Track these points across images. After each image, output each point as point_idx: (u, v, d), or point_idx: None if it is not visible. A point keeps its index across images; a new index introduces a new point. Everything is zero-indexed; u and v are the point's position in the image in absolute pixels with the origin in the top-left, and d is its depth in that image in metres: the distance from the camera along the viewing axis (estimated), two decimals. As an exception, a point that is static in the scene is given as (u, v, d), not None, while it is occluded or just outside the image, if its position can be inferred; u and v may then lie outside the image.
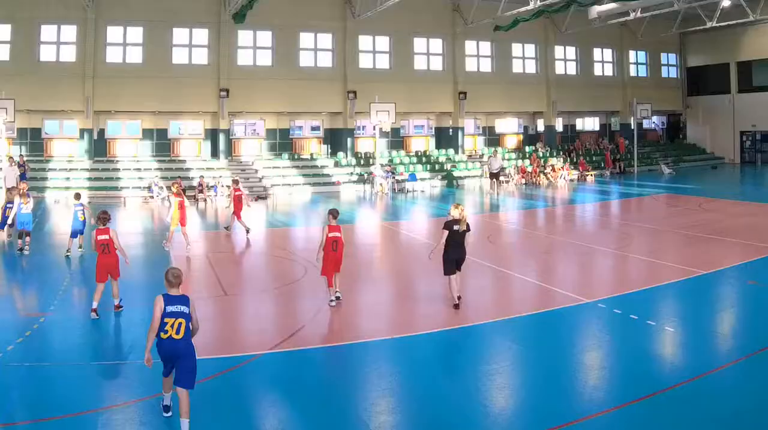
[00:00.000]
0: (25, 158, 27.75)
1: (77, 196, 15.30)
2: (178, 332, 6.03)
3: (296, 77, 31.28)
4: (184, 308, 6.11)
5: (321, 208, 19.94)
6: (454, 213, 9.90)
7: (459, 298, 10.02)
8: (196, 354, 6.24)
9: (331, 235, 10.23)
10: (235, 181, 18.73)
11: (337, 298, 10.43)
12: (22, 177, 26.64)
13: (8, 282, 12.70)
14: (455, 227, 9.87)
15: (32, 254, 14.37)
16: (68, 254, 14.36)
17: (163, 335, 6.03)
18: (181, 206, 15.24)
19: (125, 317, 9.89)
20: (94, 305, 9.69)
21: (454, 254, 9.94)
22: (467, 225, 10.03)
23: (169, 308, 6.03)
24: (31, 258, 14.15)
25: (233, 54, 30.93)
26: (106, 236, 9.89)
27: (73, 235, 14.75)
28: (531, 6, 26.52)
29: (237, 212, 17.45)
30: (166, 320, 6.00)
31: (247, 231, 17.22)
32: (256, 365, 7.82)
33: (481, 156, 34.89)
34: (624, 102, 38.53)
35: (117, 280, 10.05)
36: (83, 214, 14.70)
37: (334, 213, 10.53)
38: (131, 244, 14.93)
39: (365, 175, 30.62)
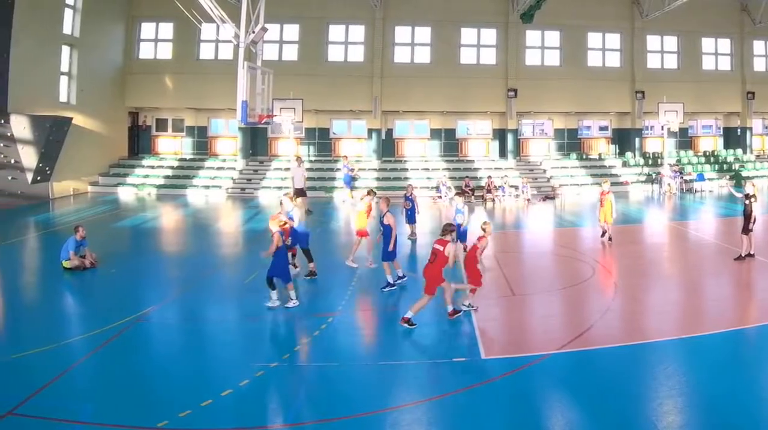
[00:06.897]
0: (351, 161, 26.83)
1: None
2: None
3: (584, 77, 30.97)
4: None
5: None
6: (750, 189, 13.26)
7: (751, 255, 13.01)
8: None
9: None
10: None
11: None
12: (348, 179, 25.74)
13: (298, 283, 12.25)
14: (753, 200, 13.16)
15: (321, 254, 13.30)
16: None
17: None
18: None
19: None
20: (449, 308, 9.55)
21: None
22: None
23: None
24: (320, 259, 12.90)
25: (521, 54, 30.97)
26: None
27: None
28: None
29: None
30: None
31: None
32: (544, 364, 7.81)
33: (769, 157, 33.57)
34: None
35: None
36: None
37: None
38: (423, 243, 15.54)
39: (653, 175, 29.86)
